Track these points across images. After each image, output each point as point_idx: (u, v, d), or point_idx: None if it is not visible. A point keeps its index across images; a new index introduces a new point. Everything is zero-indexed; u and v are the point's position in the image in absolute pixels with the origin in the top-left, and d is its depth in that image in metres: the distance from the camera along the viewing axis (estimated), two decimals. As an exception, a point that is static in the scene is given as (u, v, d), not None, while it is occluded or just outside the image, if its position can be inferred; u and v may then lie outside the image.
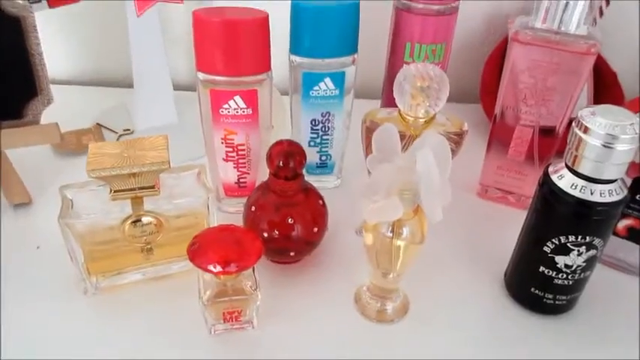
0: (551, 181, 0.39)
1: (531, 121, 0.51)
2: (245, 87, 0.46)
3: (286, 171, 0.43)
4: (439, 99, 0.41)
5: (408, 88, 0.41)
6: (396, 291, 0.44)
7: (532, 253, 0.42)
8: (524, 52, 0.47)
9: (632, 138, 0.35)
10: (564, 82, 0.48)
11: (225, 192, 0.52)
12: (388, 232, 0.39)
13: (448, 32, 0.49)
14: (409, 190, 0.37)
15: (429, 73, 0.41)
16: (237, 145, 0.49)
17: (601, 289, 0.47)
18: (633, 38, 0.75)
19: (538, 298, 0.43)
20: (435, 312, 0.45)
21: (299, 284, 0.46)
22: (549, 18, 0.45)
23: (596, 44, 0.45)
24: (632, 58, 0.75)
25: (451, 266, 0.49)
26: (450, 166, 0.37)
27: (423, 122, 0.43)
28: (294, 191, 0.44)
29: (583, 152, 0.37)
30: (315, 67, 0.49)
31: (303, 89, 0.50)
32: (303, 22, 0.47)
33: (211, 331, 0.41)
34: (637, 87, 0.69)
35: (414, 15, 0.48)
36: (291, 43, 0.49)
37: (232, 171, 0.50)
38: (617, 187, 0.38)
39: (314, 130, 0.53)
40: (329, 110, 0.51)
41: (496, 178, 0.56)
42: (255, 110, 0.47)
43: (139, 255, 0.44)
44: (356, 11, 0.47)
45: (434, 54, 0.49)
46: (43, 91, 0.51)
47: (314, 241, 0.46)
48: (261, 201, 0.45)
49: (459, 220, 0.55)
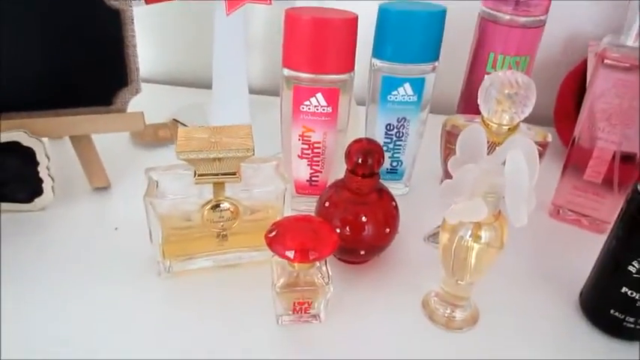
0: (641, 198, 0.38)
1: (613, 142, 0.50)
2: (327, 85, 0.47)
3: (364, 168, 0.43)
4: (526, 106, 0.41)
5: (495, 94, 0.41)
6: (466, 299, 0.43)
7: (615, 273, 0.40)
8: (611, 70, 0.46)
9: None
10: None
11: (296, 189, 0.53)
12: (467, 235, 0.38)
13: (533, 45, 0.49)
14: (493, 193, 0.36)
15: (517, 79, 0.40)
16: (313, 142, 0.49)
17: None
18: None
19: (618, 321, 0.41)
20: (505, 326, 0.43)
21: (366, 284, 0.46)
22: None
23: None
24: None
25: (523, 283, 0.48)
26: (537, 173, 0.36)
27: (507, 130, 0.42)
28: (369, 190, 0.45)
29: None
30: (396, 71, 0.49)
31: (382, 93, 0.51)
32: (389, 25, 0.48)
33: (279, 321, 0.42)
34: None
35: (500, 26, 0.48)
36: (374, 46, 0.50)
37: (305, 168, 0.51)
38: None
39: (388, 135, 0.53)
40: (405, 116, 0.52)
41: (570, 198, 0.54)
42: (335, 109, 0.48)
43: (213, 241, 0.45)
44: (442, 18, 0.48)
45: (517, 66, 0.49)
46: (133, 81, 0.53)
47: (384, 243, 0.46)
48: (335, 198, 0.45)
49: (531, 238, 0.53)
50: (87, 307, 0.42)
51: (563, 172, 0.53)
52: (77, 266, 0.46)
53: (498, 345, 0.42)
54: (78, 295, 0.43)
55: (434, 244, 0.50)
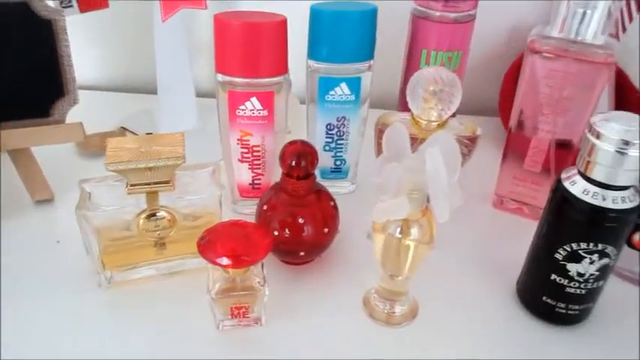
0: (564, 188, 0.39)
1: (548, 131, 0.51)
2: (262, 89, 0.47)
3: (298, 170, 0.44)
4: (452, 102, 0.42)
5: (421, 92, 0.41)
6: (404, 294, 0.44)
7: (544, 260, 0.41)
8: (540, 61, 0.47)
9: (646, 145, 0.35)
10: (581, 92, 0.47)
11: (240, 193, 0.53)
12: (397, 233, 0.39)
13: (464, 40, 0.49)
14: (418, 190, 0.37)
15: (442, 76, 0.41)
16: (252, 146, 0.50)
17: (617, 302, 0.46)
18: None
19: (550, 307, 0.42)
20: (445, 318, 0.44)
21: (308, 285, 0.47)
22: (566, 27, 0.45)
23: (612, 54, 0.45)
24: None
25: (463, 274, 0.49)
26: (460, 168, 0.37)
27: (436, 126, 0.43)
28: (306, 191, 0.45)
29: (596, 158, 0.36)
30: (332, 72, 0.50)
31: (319, 93, 0.51)
32: (321, 26, 0.48)
33: (219, 326, 0.42)
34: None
35: (431, 22, 0.48)
36: (308, 47, 0.50)
37: (247, 172, 0.51)
38: (630, 194, 0.37)
39: (329, 135, 0.53)
40: (344, 115, 0.52)
41: (512, 188, 0.55)
42: (271, 112, 0.48)
43: (152, 250, 0.45)
44: (373, 17, 0.48)
45: (450, 61, 0.49)
46: (70, 91, 0.52)
47: (324, 243, 0.46)
48: (273, 201, 0.46)
49: (474, 229, 0.54)
50: (27, 319, 0.42)
51: (503, 162, 0.54)
52: (19, 280, 0.46)
53: (438, 337, 0.43)
54: (19, 308, 0.43)
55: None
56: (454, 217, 0.55)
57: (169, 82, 0.63)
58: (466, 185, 0.60)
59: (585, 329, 0.43)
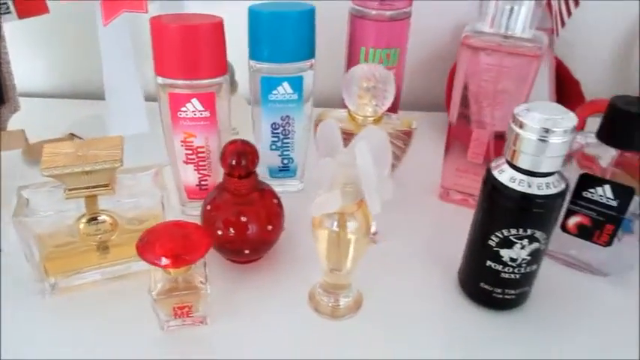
0: (493, 177, 0.40)
1: (487, 124, 0.52)
2: (202, 90, 0.47)
3: (239, 169, 0.44)
4: (386, 98, 0.43)
5: (355, 89, 0.42)
6: (348, 287, 0.45)
7: (479, 247, 0.43)
8: (474, 56, 0.49)
9: (565, 131, 0.36)
10: (514, 85, 0.49)
11: (187, 195, 0.53)
12: (334, 226, 0.40)
13: (401, 38, 0.51)
14: (351, 183, 0.38)
15: (375, 73, 0.42)
16: (196, 147, 0.50)
17: (553, 285, 0.48)
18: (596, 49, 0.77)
19: (487, 293, 0.44)
20: (389, 309, 0.45)
21: (255, 283, 0.47)
22: (496, 23, 0.47)
23: (541, 47, 0.47)
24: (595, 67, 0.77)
25: (408, 265, 0.50)
26: (390, 161, 0.38)
27: (372, 121, 0.44)
28: (248, 190, 0.45)
29: (520, 147, 0.38)
30: (274, 71, 0.50)
31: (262, 93, 0.51)
32: (260, 27, 0.49)
33: (164, 327, 0.42)
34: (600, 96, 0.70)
35: (368, 21, 0.49)
36: (249, 48, 0.50)
37: (193, 173, 0.52)
38: (555, 180, 0.39)
39: (275, 134, 0.54)
40: (288, 114, 0.53)
41: (456, 180, 0.57)
42: (213, 113, 0.48)
43: (95, 254, 0.45)
44: (311, 17, 0.49)
45: (388, 58, 0.50)
46: (10, 99, 0.52)
47: (269, 240, 0.47)
48: (216, 200, 0.46)
49: (420, 221, 0.56)
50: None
51: (445, 155, 0.56)
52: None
53: (382, 328, 0.43)
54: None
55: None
56: (401, 209, 0.57)
57: (117, 87, 0.62)
58: (413, 178, 0.62)
59: (523, 313, 0.45)
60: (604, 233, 0.46)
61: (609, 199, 0.44)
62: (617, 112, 0.42)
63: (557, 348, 0.42)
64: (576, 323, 0.44)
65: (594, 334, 0.43)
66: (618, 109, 0.42)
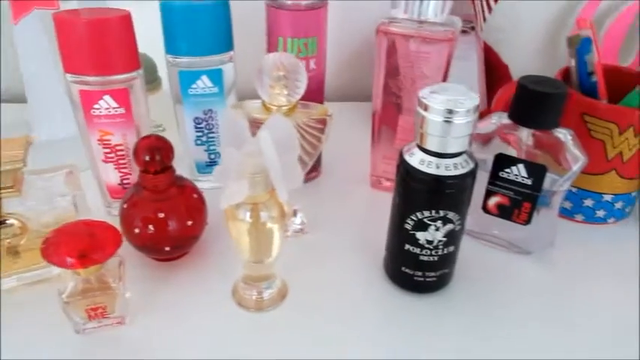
0: (404, 160, 0.40)
1: (410, 109, 0.53)
2: (115, 86, 0.46)
3: (154, 165, 0.43)
4: (297, 87, 0.43)
5: (266, 79, 0.42)
6: (270, 278, 0.44)
7: (397, 231, 0.43)
8: (390, 43, 0.49)
9: (468, 111, 0.37)
10: (432, 69, 0.49)
11: (110, 194, 0.52)
12: (247, 217, 0.39)
13: (319, 26, 0.50)
14: (260, 172, 0.37)
15: (284, 62, 0.42)
16: (114, 145, 0.49)
17: (478, 265, 0.48)
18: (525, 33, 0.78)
19: (409, 277, 0.44)
20: (315, 298, 0.45)
21: (179, 280, 0.46)
22: (409, 9, 0.47)
23: (454, 31, 0.47)
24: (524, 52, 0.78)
25: (337, 254, 0.50)
26: (297, 149, 0.38)
27: (287, 110, 0.44)
28: (166, 185, 0.45)
29: (427, 129, 0.38)
30: (192, 65, 0.50)
31: (182, 88, 0.51)
32: (174, 21, 0.48)
33: (79, 330, 0.41)
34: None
35: (284, 11, 0.49)
36: (165, 43, 0.49)
37: (114, 172, 0.50)
38: (463, 160, 0.39)
39: (198, 128, 0.53)
40: (211, 108, 0.52)
41: (385, 168, 0.57)
42: (129, 109, 0.47)
43: (6, 259, 0.43)
44: (225, 8, 0.49)
45: (307, 47, 0.50)
46: None
47: (190, 236, 0.46)
48: (134, 198, 0.45)
49: (351, 210, 0.56)
50: None
51: (372, 144, 0.56)
52: None
53: (307, 317, 0.43)
54: None
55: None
56: (334, 199, 0.57)
57: (38, 88, 0.61)
58: (346, 169, 0.62)
59: (447, 294, 0.45)
60: (522, 212, 0.47)
61: (524, 177, 0.45)
62: (526, 92, 0.43)
63: (480, 327, 0.43)
64: (498, 301, 0.45)
65: (516, 312, 0.44)
66: (526, 88, 0.42)
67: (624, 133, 0.47)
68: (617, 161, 0.49)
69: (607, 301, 0.45)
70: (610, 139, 0.48)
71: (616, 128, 0.47)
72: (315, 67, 0.52)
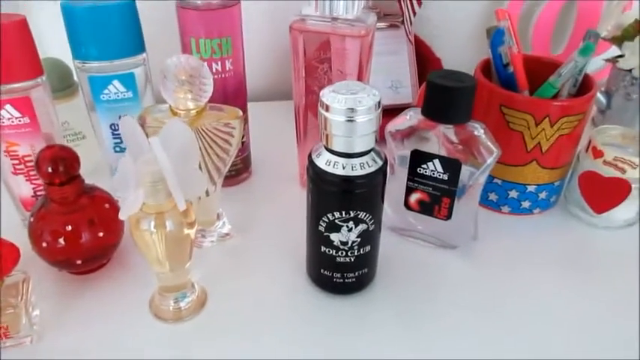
0: (312, 161, 0.40)
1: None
2: (16, 95, 0.44)
3: (59, 176, 0.42)
4: (203, 90, 0.41)
5: (170, 84, 0.41)
6: (186, 287, 0.43)
7: (313, 234, 0.42)
8: (305, 40, 0.48)
9: (369, 108, 0.36)
10: (349, 66, 0.49)
11: (25, 207, 0.50)
12: (151, 227, 0.38)
13: (233, 25, 0.49)
14: (159, 180, 0.36)
15: (185, 65, 0.40)
16: (22, 156, 0.47)
17: (404, 262, 0.48)
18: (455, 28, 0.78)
19: (329, 279, 0.43)
20: (236, 304, 0.44)
21: (95, 293, 0.45)
22: (320, 6, 0.46)
23: (365, 27, 0.46)
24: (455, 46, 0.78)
25: (261, 259, 0.49)
26: (197, 155, 0.37)
27: (195, 114, 0.42)
28: (74, 196, 0.43)
29: (330, 130, 0.37)
30: (102, 70, 0.48)
31: (93, 94, 0.49)
32: (77, 24, 0.46)
33: (-19, 352, 0.39)
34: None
35: (194, 11, 0.47)
36: (71, 48, 0.47)
37: (25, 184, 0.48)
38: (370, 159, 0.39)
39: (115, 135, 0.51)
40: (126, 113, 0.50)
41: (312, 167, 0.56)
42: (34, 118, 0.45)
43: None
44: (132, 9, 0.47)
45: (220, 48, 0.49)
46: None
47: (103, 248, 0.45)
48: (42, 211, 0.43)
49: (280, 211, 0.55)
50: None
51: (297, 143, 0.55)
52: None
53: (228, 325, 0.42)
54: None
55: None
56: (263, 201, 0.56)
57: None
58: (274, 169, 0.61)
59: (370, 293, 0.45)
60: (442, 207, 0.47)
61: (440, 173, 0.45)
62: (434, 88, 0.42)
63: (402, 323, 0.42)
64: (422, 297, 0.45)
65: (440, 306, 0.44)
66: (433, 84, 0.42)
67: (540, 124, 0.48)
68: (536, 152, 0.49)
69: (533, 290, 0.46)
70: (527, 130, 0.48)
71: (532, 119, 0.47)
72: (232, 67, 0.50)
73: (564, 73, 0.49)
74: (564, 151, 0.50)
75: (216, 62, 0.49)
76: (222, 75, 0.50)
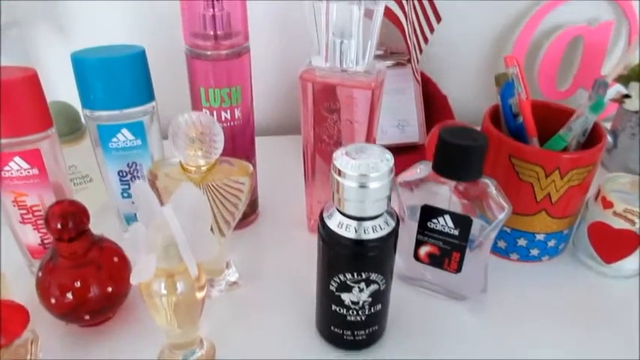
0: (324, 222, 0.39)
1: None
2: (25, 147, 0.44)
3: (68, 232, 0.41)
4: (214, 147, 0.41)
5: (181, 142, 0.40)
6: (194, 343, 0.43)
7: (323, 292, 0.42)
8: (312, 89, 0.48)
9: (382, 174, 0.36)
10: (359, 116, 0.49)
11: (32, 255, 0.50)
12: (162, 289, 0.37)
13: (243, 74, 0.49)
14: (172, 244, 0.36)
15: (196, 122, 0.40)
16: (30, 206, 0.46)
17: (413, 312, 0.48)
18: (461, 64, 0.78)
19: (339, 336, 0.43)
20: (244, 358, 0.44)
21: (102, 349, 0.44)
22: (329, 57, 0.46)
23: (376, 79, 0.46)
24: (461, 82, 0.78)
25: (270, 309, 0.48)
26: (209, 219, 0.37)
27: (205, 171, 0.42)
28: (84, 251, 0.43)
29: (343, 194, 0.37)
30: (110, 119, 0.48)
31: (102, 142, 0.49)
32: (87, 75, 0.46)
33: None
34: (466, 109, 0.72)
35: (203, 61, 0.47)
36: (80, 97, 0.47)
37: (33, 233, 0.48)
38: (382, 221, 0.38)
39: (124, 181, 0.51)
40: (135, 160, 0.50)
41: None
42: (43, 169, 0.45)
43: None
44: (142, 60, 0.47)
45: (230, 97, 0.49)
46: None
47: (111, 302, 0.44)
48: (50, 265, 0.43)
49: (289, 258, 0.54)
50: None
51: (306, 187, 0.55)
52: None
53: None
54: None
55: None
56: (270, 247, 0.56)
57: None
58: (281, 210, 0.61)
59: (380, 349, 0.45)
60: (452, 261, 0.46)
61: (451, 228, 0.45)
62: (446, 145, 0.42)
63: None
64: (431, 350, 0.44)
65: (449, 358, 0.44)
66: (446, 142, 0.42)
67: (550, 176, 0.47)
68: (546, 202, 0.49)
69: (543, 341, 0.45)
70: (537, 182, 0.48)
71: (542, 171, 0.47)
72: (240, 115, 0.50)
73: (575, 127, 0.49)
74: (574, 200, 0.50)
75: (225, 111, 0.49)
76: (231, 123, 0.50)
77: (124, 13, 0.68)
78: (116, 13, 0.68)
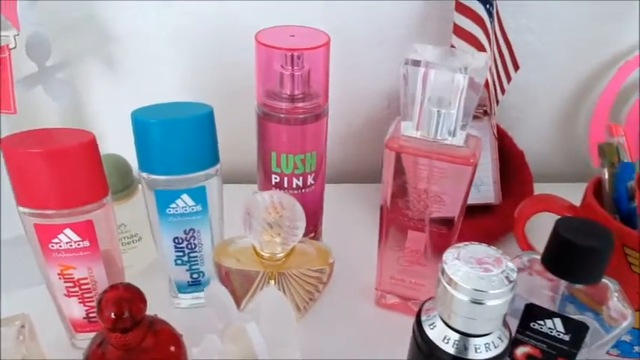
0: (423, 330, 0.34)
1: (423, 225, 0.46)
2: (77, 218, 0.39)
3: (123, 322, 0.36)
4: (294, 234, 0.36)
5: (257, 225, 0.35)
6: None
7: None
8: (400, 159, 0.42)
9: (503, 292, 0.30)
10: (449, 185, 0.43)
11: (74, 328, 0.45)
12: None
13: (318, 139, 0.43)
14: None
15: (275, 202, 0.35)
16: (78, 279, 0.42)
17: None
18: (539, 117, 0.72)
19: None
20: None
21: None
22: (422, 126, 0.41)
23: (474, 153, 0.40)
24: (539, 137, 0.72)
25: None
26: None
27: (281, 258, 0.37)
28: (137, 341, 0.37)
29: (451, 306, 0.31)
30: (170, 184, 0.43)
31: (158, 207, 0.44)
32: (149, 137, 0.41)
33: None
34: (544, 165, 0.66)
35: (276, 124, 0.42)
36: (138, 159, 0.42)
37: (78, 306, 0.43)
38: (495, 338, 0.32)
39: (179, 248, 0.46)
40: (192, 227, 0.45)
41: (392, 288, 0.50)
42: (94, 241, 0.40)
43: None
44: (209, 121, 0.42)
45: (304, 164, 0.43)
46: None
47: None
48: (98, 352, 0.38)
49: (353, 336, 0.48)
50: None
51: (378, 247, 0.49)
52: None
53: None
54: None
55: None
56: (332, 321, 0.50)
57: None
58: (346, 275, 0.54)
59: None
60: (556, 366, 0.40)
61: (560, 332, 0.38)
62: (560, 241, 0.36)
63: None
64: None
65: None
66: (560, 237, 0.36)
67: (670, 270, 0.41)
68: (658, 298, 0.43)
69: None
70: (652, 275, 0.42)
71: (661, 265, 0.41)
72: (313, 182, 0.45)
73: None
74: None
75: (298, 178, 0.44)
76: (303, 190, 0.45)
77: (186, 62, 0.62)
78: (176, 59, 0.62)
